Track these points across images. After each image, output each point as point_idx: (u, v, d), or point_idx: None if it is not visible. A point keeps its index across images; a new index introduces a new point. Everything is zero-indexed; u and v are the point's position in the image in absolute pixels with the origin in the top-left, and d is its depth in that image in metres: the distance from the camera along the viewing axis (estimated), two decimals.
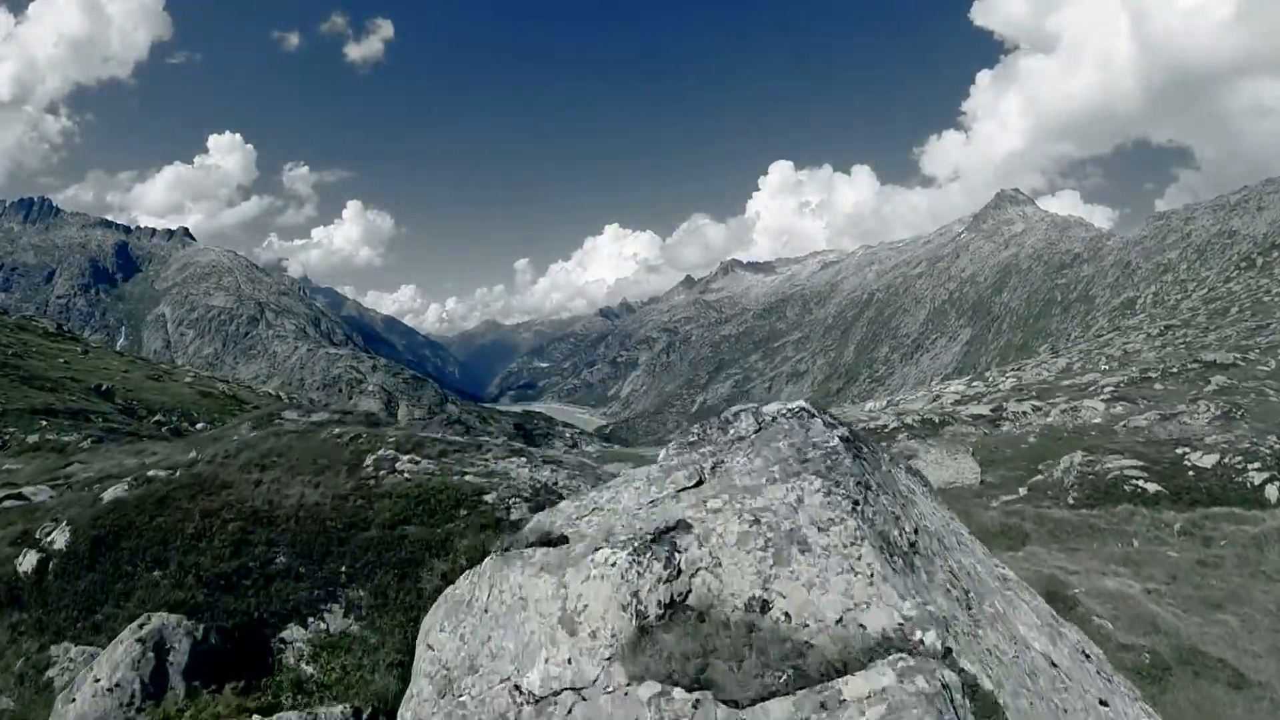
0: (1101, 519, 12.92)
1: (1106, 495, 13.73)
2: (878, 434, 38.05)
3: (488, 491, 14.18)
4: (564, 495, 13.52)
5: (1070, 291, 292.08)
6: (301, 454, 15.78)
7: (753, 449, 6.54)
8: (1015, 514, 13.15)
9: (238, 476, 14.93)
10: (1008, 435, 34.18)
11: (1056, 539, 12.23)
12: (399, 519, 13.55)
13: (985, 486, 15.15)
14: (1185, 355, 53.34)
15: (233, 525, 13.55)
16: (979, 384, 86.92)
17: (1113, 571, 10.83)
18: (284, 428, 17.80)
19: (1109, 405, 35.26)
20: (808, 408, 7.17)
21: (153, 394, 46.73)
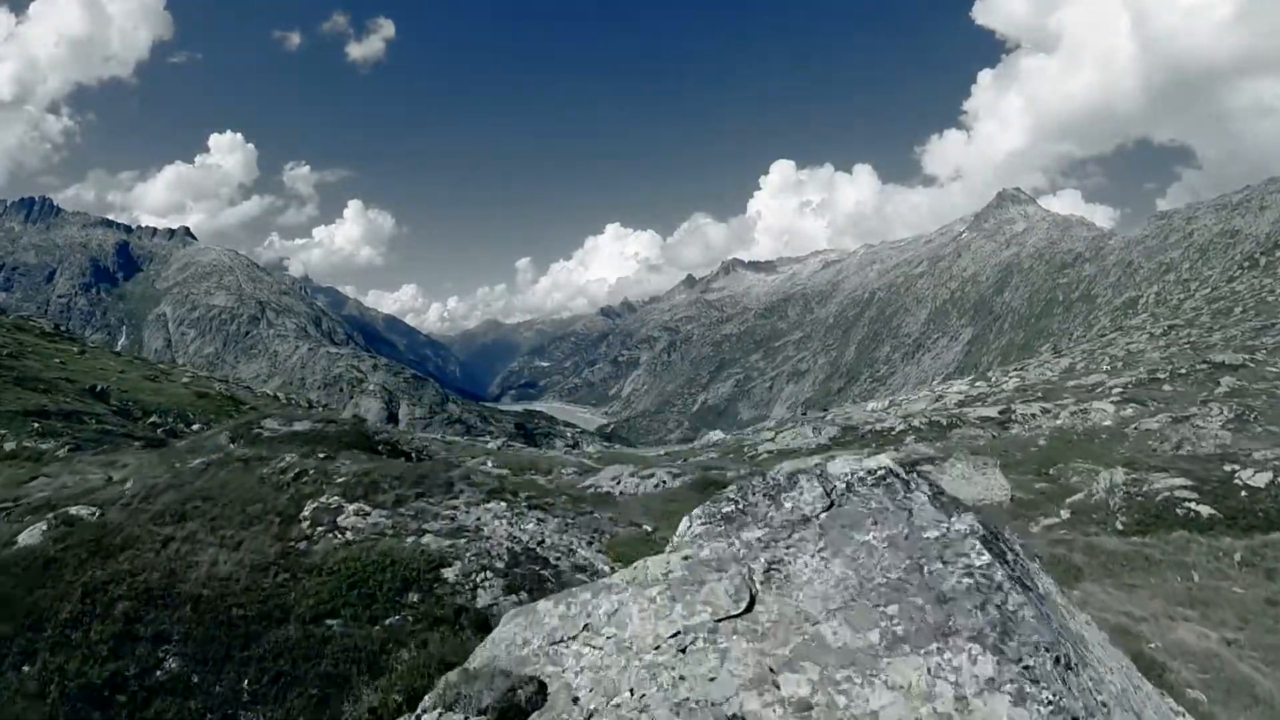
0: (1156, 548, 11.96)
1: (1158, 520, 12.79)
2: (884, 436, 37.55)
3: (449, 562, 11.21)
4: (550, 562, 11.66)
5: (1072, 291, 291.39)
6: (233, 497, 13.11)
7: (825, 543, 4.62)
8: (1062, 543, 12.07)
9: (147, 531, 12.19)
10: (1017, 438, 33.51)
11: (1111, 573, 11.16)
12: (326, 608, 10.50)
13: (1018, 505, 14.21)
14: (1193, 356, 52.78)
15: (121, 606, 10.61)
16: (982, 384, 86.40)
17: (1180, 615, 9.95)
18: (233, 453, 15.45)
19: (1119, 407, 34.64)
20: (895, 470, 5.31)
21: (149, 395, 46.25)
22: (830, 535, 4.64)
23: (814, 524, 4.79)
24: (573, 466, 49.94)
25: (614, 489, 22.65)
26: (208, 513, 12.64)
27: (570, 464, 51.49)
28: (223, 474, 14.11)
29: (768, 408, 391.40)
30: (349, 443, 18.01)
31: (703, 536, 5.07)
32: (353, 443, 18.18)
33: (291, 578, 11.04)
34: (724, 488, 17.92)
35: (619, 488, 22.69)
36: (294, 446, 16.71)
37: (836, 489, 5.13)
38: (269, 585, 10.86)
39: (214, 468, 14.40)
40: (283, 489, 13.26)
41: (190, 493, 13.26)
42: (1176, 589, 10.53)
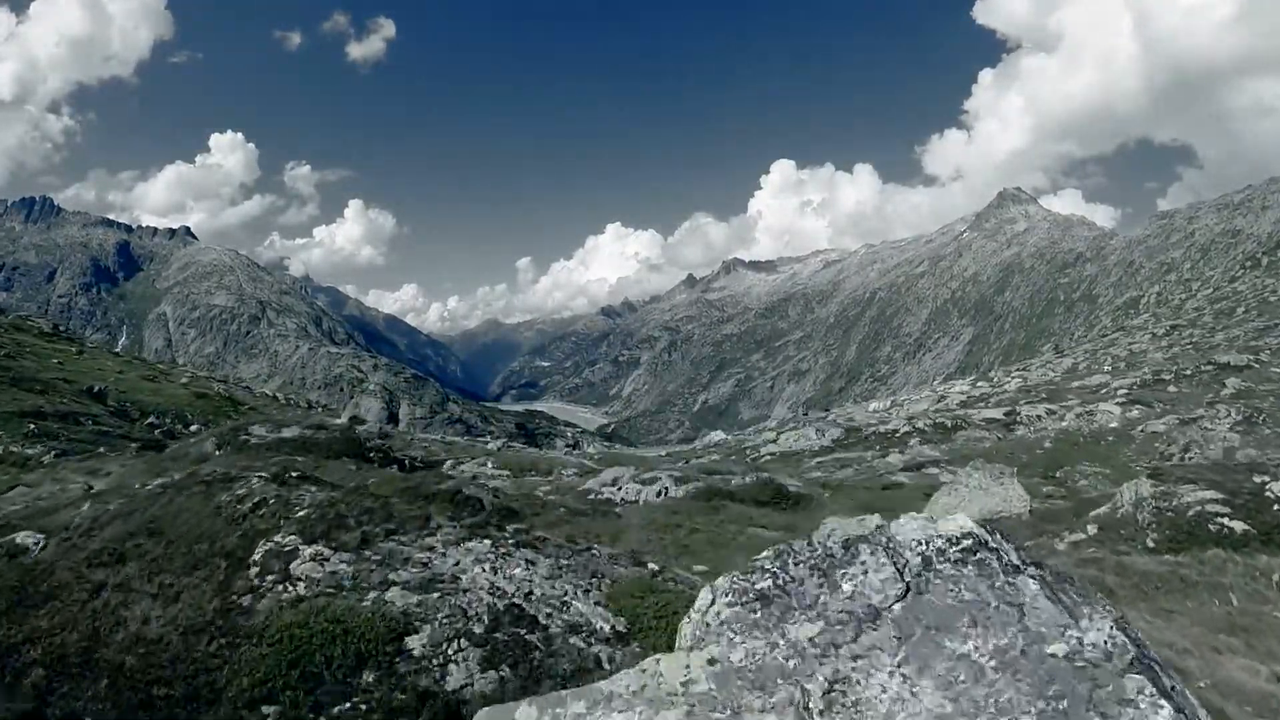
0: (1191, 568, 11.33)
1: (1190, 537, 12.17)
2: (889, 438, 37.14)
3: (416, 626, 9.21)
4: (539, 621, 9.45)
5: (1073, 291, 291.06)
6: (183, 531, 11.25)
7: (907, 654, 3.30)
8: (1093, 563, 11.31)
9: (78, 575, 10.43)
10: (1022, 440, 33.15)
11: (1145, 596, 10.50)
12: (263, 691, 8.47)
13: (1039, 518, 13.62)
14: (1197, 357, 52.46)
15: (34, 676, 8.78)
16: (984, 384, 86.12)
17: (1225, 645, 9.41)
18: (200, 473, 13.36)
19: (1124, 409, 34.25)
20: (983, 536, 4.23)
21: (147, 395, 45.98)
22: (912, 641, 3.31)
23: (886, 620, 3.45)
24: (573, 468, 49.66)
25: (614, 495, 22.00)
26: (150, 552, 10.69)
27: (571, 465, 51.20)
28: (180, 500, 12.15)
29: (769, 408, 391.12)
30: (338, 450, 17.49)
31: (733, 625, 3.71)
32: (342, 450, 17.66)
33: (229, 644, 9.15)
34: (730, 498, 17.13)
35: (619, 494, 22.11)
36: (280, 455, 15.86)
37: (910, 566, 3.82)
38: (201, 654, 9.03)
39: (171, 491, 12.42)
40: (237, 523, 11.24)
41: (138, 524, 11.52)
42: (1215, 614, 9.95)
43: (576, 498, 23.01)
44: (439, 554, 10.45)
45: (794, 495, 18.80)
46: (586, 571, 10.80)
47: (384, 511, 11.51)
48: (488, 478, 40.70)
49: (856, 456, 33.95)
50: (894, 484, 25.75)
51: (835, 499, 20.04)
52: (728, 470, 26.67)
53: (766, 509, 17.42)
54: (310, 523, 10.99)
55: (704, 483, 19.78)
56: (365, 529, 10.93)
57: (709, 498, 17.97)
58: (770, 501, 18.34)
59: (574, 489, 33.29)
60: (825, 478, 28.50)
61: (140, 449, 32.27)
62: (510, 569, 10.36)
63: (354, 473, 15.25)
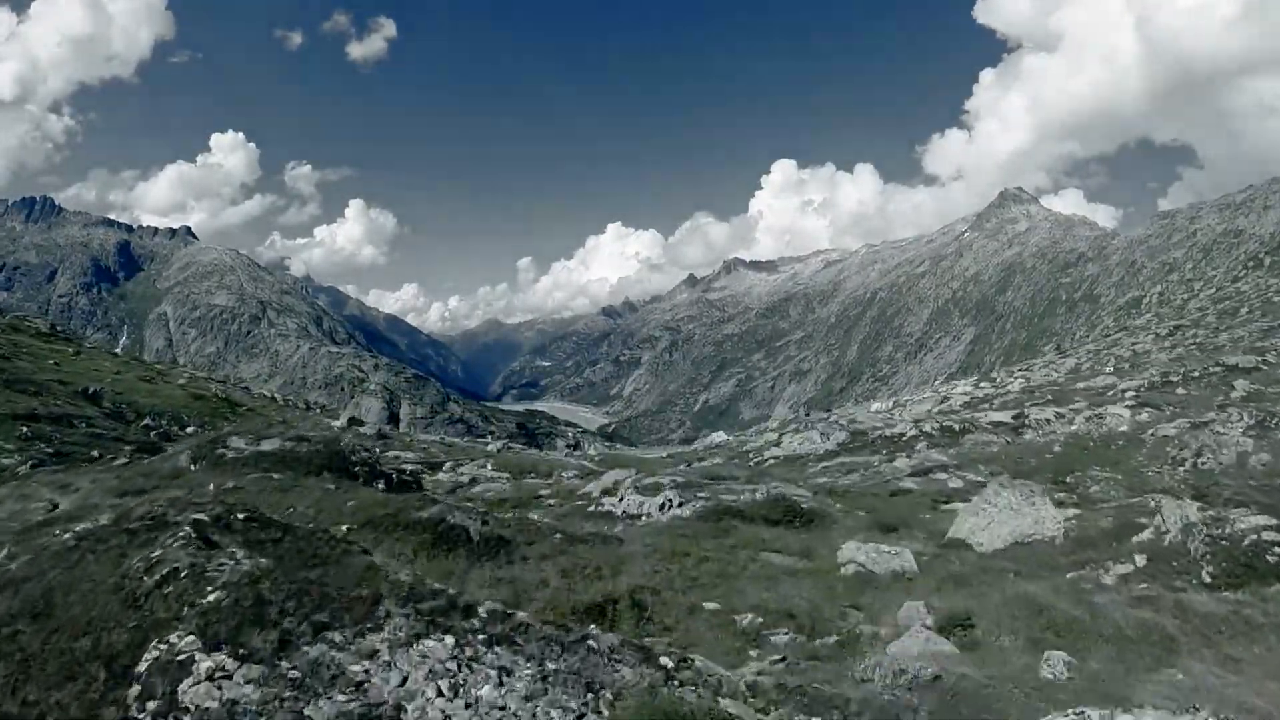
0: (1255, 608, 10.05)
1: (1248, 570, 11.04)
2: (895, 442, 36.53)
3: None
4: None
5: (1075, 290, 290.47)
6: (75, 614, 8.28)
7: None
8: (1147, 602, 10.32)
9: None
10: (1031, 444, 32.60)
11: (1209, 643, 9.37)
12: None
13: (1076, 544, 12.51)
14: (1205, 358, 51.97)
15: None
16: (987, 384, 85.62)
17: None
18: (133, 513, 10.60)
19: (1134, 412, 33.73)
20: None
21: (144, 396, 45.58)
22: None
23: None
24: (574, 469, 49.21)
25: (614, 508, 21.13)
26: (26, 648, 7.83)
27: (571, 466, 50.75)
28: (89, 562, 9.40)
29: (769, 407, 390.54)
30: (319, 465, 16.58)
31: None
32: (324, 464, 16.75)
33: None
34: (740, 517, 16.43)
35: (620, 506, 21.19)
36: (257, 471, 15.23)
37: None
38: None
39: (87, 546, 9.76)
40: (136, 606, 8.35)
41: (29, 598, 8.69)
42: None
43: (575, 512, 21.98)
44: (381, 664, 7.71)
45: (806, 512, 17.67)
46: (580, 682, 8.13)
47: (318, 594, 8.70)
48: (487, 480, 40.26)
49: (863, 461, 33.30)
50: (902, 490, 25.23)
51: (847, 513, 19.00)
52: (730, 475, 26.05)
53: (778, 528, 16.16)
54: (219, 614, 8.11)
55: (712, 501, 18.33)
56: (288, 623, 8.09)
57: (718, 517, 16.69)
58: (782, 520, 17.20)
59: (574, 492, 32.83)
60: (831, 484, 27.97)
61: (134, 452, 31.87)
62: (476, 686, 7.66)
63: (330, 494, 14.36)
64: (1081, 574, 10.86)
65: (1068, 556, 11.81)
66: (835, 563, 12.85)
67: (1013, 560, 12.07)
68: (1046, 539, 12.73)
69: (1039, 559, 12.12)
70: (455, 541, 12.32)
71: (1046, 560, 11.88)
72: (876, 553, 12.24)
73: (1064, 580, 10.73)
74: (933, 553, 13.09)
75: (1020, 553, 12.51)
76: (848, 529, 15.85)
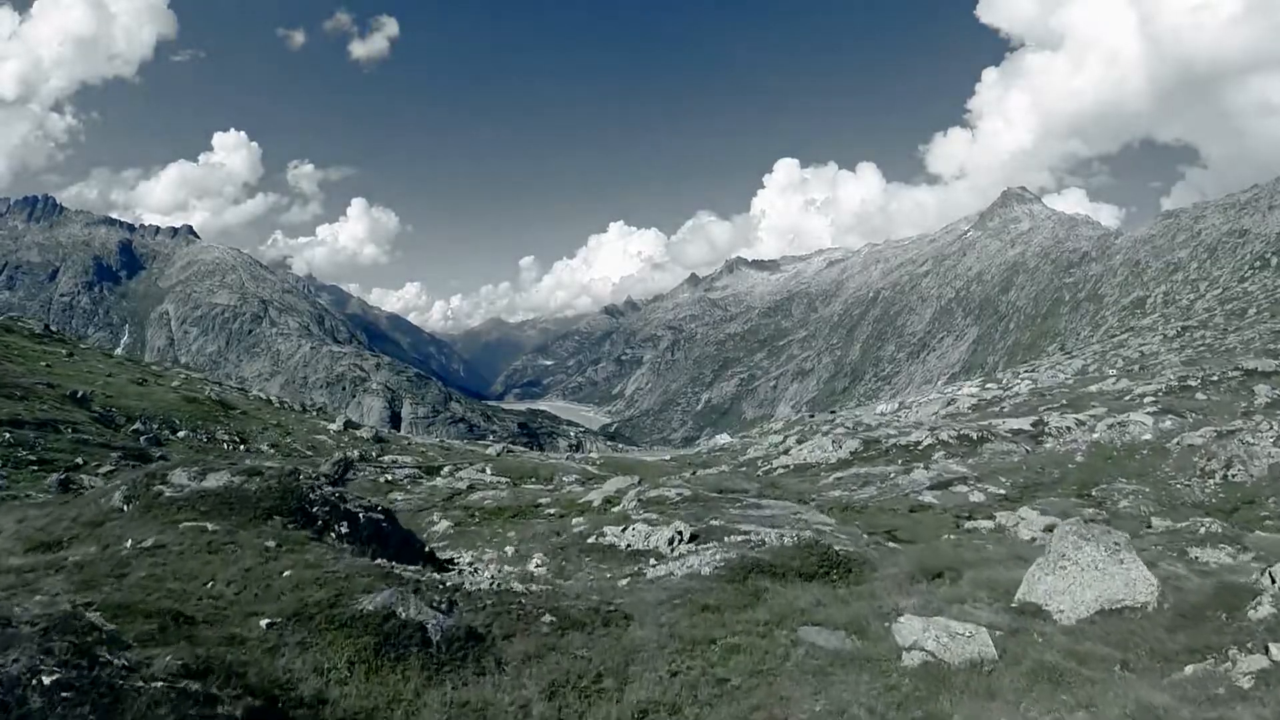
0: None
1: None
2: (911, 451, 35.14)
3: None
4: None
5: (1078, 290, 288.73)
6: None
7: None
8: None
9: None
10: (1052, 453, 31.40)
11: None
12: None
13: (1176, 615, 10.33)
14: (1221, 362, 50.73)
15: None
16: (993, 386, 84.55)
17: None
18: None
19: (1156, 419, 32.54)
20: None
21: (135, 399, 44.59)
22: None
23: None
24: (574, 473, 48.29)
25: (618, 539, 19.17)
26: None
27: (572, 470, 49.84)
28: None
29: (772, 407, 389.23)
30: (270, 507, 14.10)
31: None
32: (276, 506, 14.24)
33: None
34: (769, 573, 14.57)
35: (624, 538, 19.17)
36: (192, 516, 12.93)
37: None
38: None
39: None
40: None
41: None
42: None
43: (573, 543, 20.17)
44: None
45: (843, 560, 14.97)
46: None
47: None
48: (486, 485, 39.40)
49: (879, 472, 31.94)
50: (922, 505, 24.04)
51: (885, 554, 16.58)
52: (740, 487, 24.92)
53: (813, 585, 13.45)
54: None
55: (733, 552, 15.54)
56: None
57: (744, 575, 13.66)
58: (818, 573, 14.60)
59: (575, 501, 31.93)
60: (847, 497, 26.85)
61: (121, 457, 30.96)
62: None
63: (267, 556, 11.77)
64: (1204, 668, 8.67)
65: (1173, 635, 9.67)
66: (895, 646, 9.91)
67: (1105, 637, 9.76)
68: (1140, 606, 10.64)
69: (1139, 639, 9.62)
70: (407, 645, 9.58)
71: (1149, 641, 9.71)
72: (947, 635, 9.89)
73: (1185, 678, 8.31)
74: (1007, 625, 10.71)
75: (1112, 627, 10.31)
76: (891, 580, 13.55)
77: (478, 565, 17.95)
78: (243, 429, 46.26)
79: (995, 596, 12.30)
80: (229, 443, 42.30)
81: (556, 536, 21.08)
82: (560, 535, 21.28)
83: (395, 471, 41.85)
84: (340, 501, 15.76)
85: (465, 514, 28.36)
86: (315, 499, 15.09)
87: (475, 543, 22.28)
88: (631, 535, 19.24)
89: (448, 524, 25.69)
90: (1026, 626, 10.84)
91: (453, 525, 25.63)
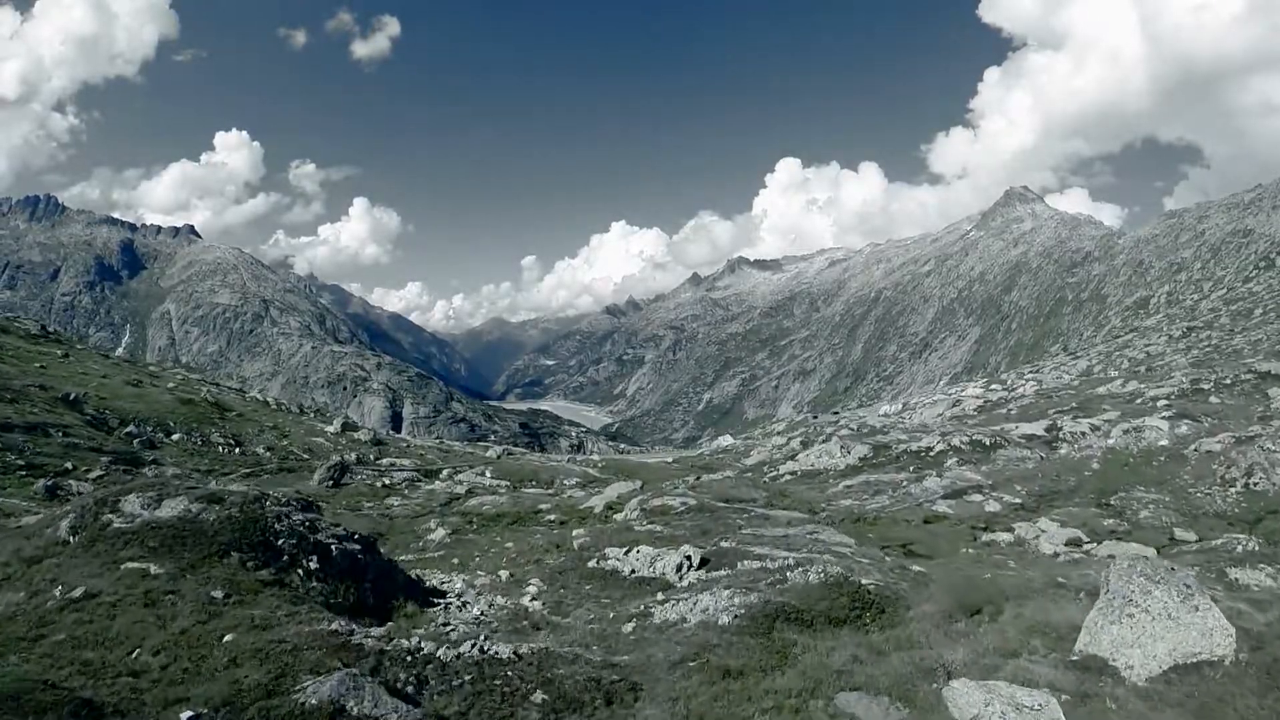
0: None
1: None
2: (922, 457, 34.22)
3: None
4: None
5: (1081, 290, 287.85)
6: None
7: None
8: None
9: None
10: (1067, 460, 30.49)
11: None
12: None
13: (1264, 674, 8.95)
14: (1232, 364, 49.98)
15: None
16: (998, 387, 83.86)
17: None
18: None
19: (1172, 424, 31.74)
20: None
21: (129, 401, 43.97)
22: None
23: None
24: (575, 477, 47.60)
25: (620, 563, 17.73)
26: None
27: (574, 474, 49.12)
28: None
29: (774, 407, 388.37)
30: (228, 542, 12.30)
31: None
32: (234, 541, 12.40)
33: None
34: (795, 620, 13.33)
35: (628, 562, 17.69)
36: (138, 554, 11.32)
37: None
38: None
39: None
40: None
41: None
42: None
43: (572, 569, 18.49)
44: None
45: (874, 599, 12.96)
46: None
47: None
48: (485, 490, 38.72)
49: (890, 480, 31.03)
50: (936, 515, 23.17)
51: (918, 586, 14.85)
52: (747, 496, 24.13)
53: (844, 631, 12.14)
54: None
55: (761, 601, 13.41)
56: None
57: (768, 625, 12.23)
58: (848, 617, 13.01)
59: (576, 506, 31.28)
60: (859, 507, 26.03)
61: (111, 462, 30.35)
62: None
63: (211, 613, 10.15)
64: None
65: (1263, 701, 8.46)
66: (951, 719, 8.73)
67: (1185, 702, 8.55)
68: (1217, 660, 9.25)
69: (1227, 706, 8.46)
70: None
71: (1239, 710, 8.49)
72: (1013, 709, 8.43)
73: None
74: (1073, 686, 9.25)
75: (1191, 688, 8.90)
76: (929, 620, 11.92)
77: (467, 597, 16.29)
78: (239, 431, 45.60)
79: (1050, 644, 10.81)
80: (224, 445, 41.66)
81: (555, 551, 19.94)
82: (559, 550, 19.92)
83: (393, 475, 41.17)
84: (310, 532, 14.05)
85: (463, 520, 27.65)
86: (281, 530, 13.43)
87: (472, 554, 21.50)
88: (636, 559, 17.92)
89: (444, 532, 24.96)
90: (1096, 689, 9.48)
91: (450, 534, 24.91)
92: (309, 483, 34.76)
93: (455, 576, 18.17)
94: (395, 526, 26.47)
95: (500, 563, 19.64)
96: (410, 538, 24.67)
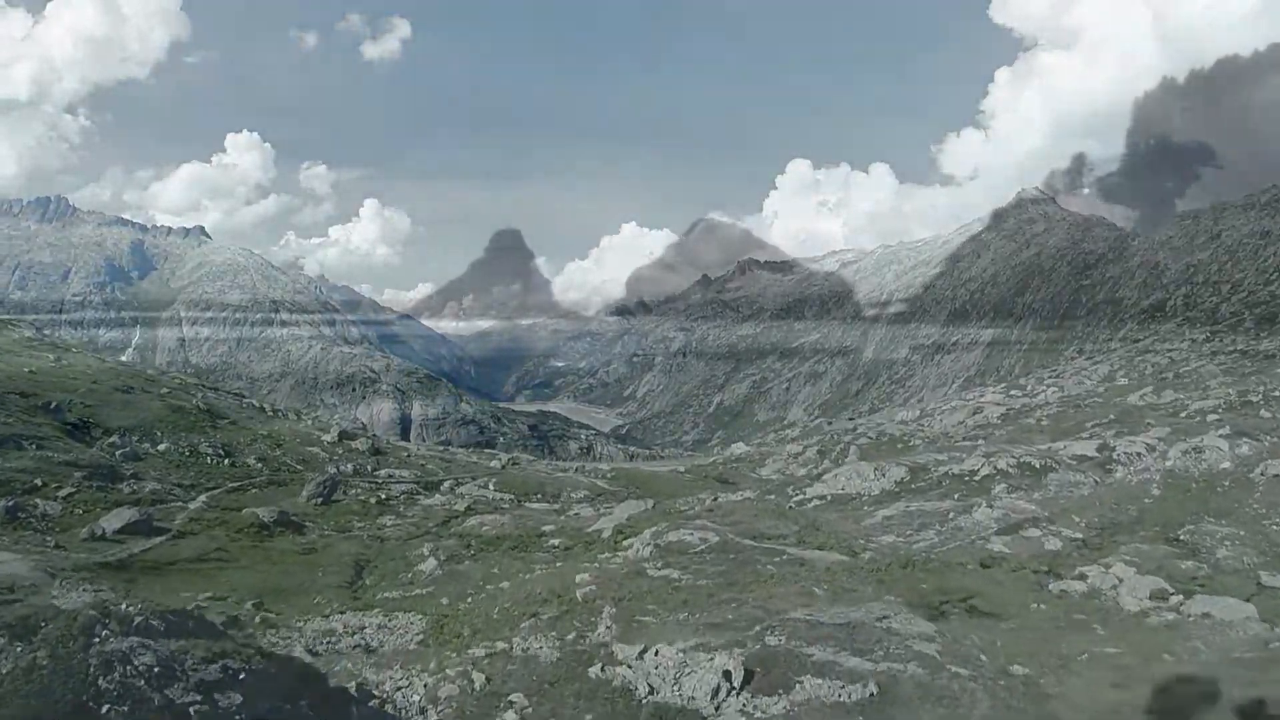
0: None
1: None
2: (966, 482, 31.48)
3: None
4: None
5: (1095, 293, 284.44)
6: None
7: None
8: None
9: None
10: (1124, 485, 28.16)
11: None
12: None
13: None
14: (1273, 375, 47.66)
15: None
16: (1017, 393, 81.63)
17: None
18: None
19: (1231, 443, 29.26)
20: None
21: (117, 409, 42.21)
22: None
23: None
24: (584, 489, 45.70)
25: (632, 675, 13.67)
26: None
27: (582, 486, 47.21)
28: None
29: (785, 409, 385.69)
30: None
31: None
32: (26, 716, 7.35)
33: None
34: None
35: (645, 675, 13.69)
36: None
37: None
38: None
39: None
40: None
41: None
42: None
43: (568, 676, 14.86)
44: None
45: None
46: None
47: None
48: (486, 506, 36.71)
49: (934, 509, 28.18)
50: (993, 557, 20.64)
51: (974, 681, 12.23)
52: (777, 534, 21.77)
53: None
54: None
55: None
56: None
57: None
58: None
59: (581, 530, 29.22)
60: (904, 546, 23.50)
61: (84, 478, 28.48)
62: None
63: None
64: None
65: None
66: None
67: None
68: None
69: None
70: None
71: None
72: None
73: None
74: None
75: None
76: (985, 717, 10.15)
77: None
78: (230, 441, 43.70)
79: None
80: (212, 456, 39.74)
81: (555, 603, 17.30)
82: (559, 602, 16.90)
83: (390, 488, 39.20)
84: (163, 683, 8.40)
85: (460, 544, 25.48)
86: (111, 689, 7.94)
87: (464, 592, 19.32)
88: (655, 668, 14.02)
89: (435, 563, 22.77)
90: None
91: (441, 564, 22.69)
92: (297, 498, 32.74)
93: (416, 677, 15.72)
94: (385, 551, 24.41)
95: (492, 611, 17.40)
96: (400, 566, 22.63)
